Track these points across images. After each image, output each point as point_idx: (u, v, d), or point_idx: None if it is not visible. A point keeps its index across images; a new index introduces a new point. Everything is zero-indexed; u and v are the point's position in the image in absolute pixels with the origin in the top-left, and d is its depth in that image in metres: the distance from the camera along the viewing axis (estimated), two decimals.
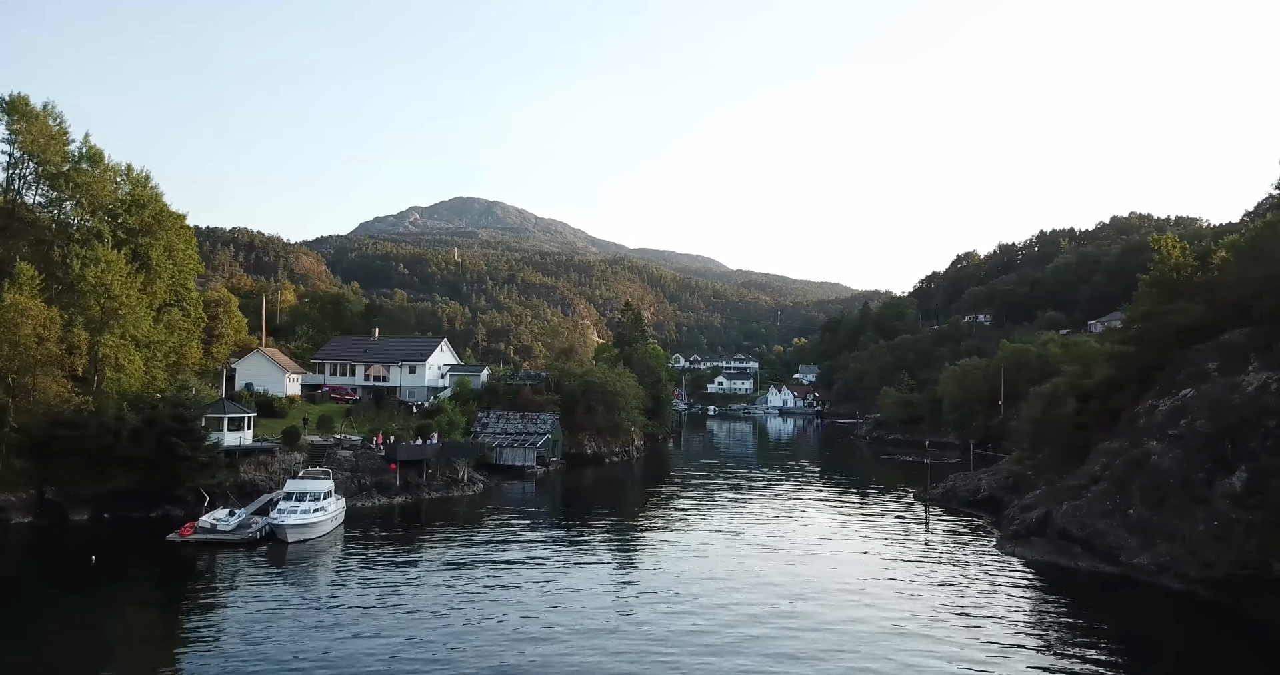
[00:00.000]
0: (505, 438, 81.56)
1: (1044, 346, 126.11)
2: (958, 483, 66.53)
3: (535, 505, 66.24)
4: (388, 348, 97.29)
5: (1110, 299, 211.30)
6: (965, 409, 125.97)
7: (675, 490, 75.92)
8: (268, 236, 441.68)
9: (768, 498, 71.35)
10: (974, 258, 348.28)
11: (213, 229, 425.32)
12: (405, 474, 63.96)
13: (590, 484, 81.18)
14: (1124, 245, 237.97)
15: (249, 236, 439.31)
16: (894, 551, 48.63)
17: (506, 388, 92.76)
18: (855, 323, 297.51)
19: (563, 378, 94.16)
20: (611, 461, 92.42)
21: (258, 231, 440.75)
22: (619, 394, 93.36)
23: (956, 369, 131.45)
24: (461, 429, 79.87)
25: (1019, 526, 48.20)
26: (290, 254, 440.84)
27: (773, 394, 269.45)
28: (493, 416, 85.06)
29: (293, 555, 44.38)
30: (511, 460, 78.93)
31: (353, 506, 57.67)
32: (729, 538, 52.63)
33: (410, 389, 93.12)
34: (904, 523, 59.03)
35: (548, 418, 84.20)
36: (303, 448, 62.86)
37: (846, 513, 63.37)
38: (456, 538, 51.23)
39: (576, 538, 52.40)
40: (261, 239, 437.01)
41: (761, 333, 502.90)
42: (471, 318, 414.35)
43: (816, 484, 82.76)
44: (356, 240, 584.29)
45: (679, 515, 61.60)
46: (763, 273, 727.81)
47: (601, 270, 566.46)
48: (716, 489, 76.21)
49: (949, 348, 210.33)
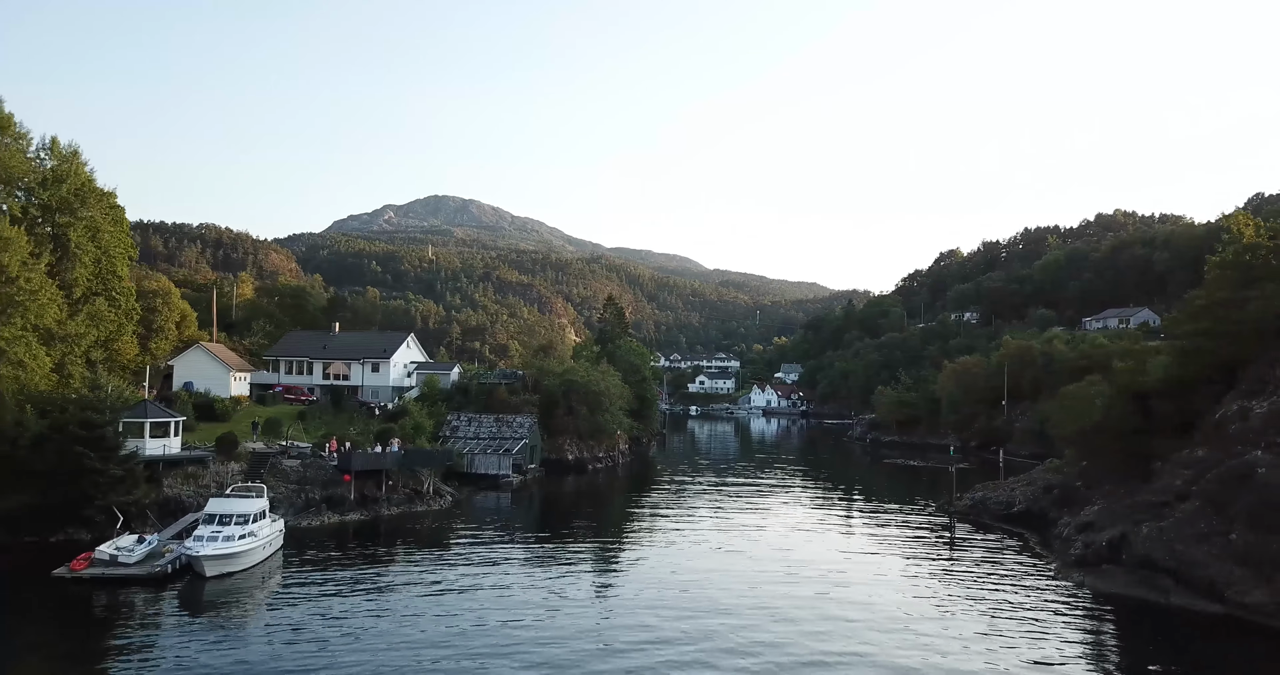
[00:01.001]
0: (477, 443, 73.40)
1: (1048, 343, 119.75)
2: (987, 494, 59.27)
3: (510, 521, 58.25)
4: (349, 344, 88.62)
5: (1100, 296, 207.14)
6: (966, 409, 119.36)
7: (666, 501, 68.27)
8: (236, 232, 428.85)
9: (771, 510, 63.85)
10: (957, 255, 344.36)
11: (179, 224, 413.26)
12: (361, 486, 55.70)
13: (572, 494, 73.33)
14: (1113, 242, 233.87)
15: (216, 232, 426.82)
16: (939, 582, 41.12)
17: (479, 388, 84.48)
18: (839, 321, 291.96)
19: (541, 377, 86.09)
20: (595, 468, 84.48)
21: (225, 227, 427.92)
22: (602, 394, 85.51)
23: (955, 367, 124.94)
24: (428, 434, 71.67)
25: (1084, 551, 40.86)
26: (259, 250, 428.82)
27: (756, 394, 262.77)
28: (463, 419, 76.82)
29: (212, 594, 36.10)
30: (484, 469, 70.86)
31: (297, 527, 49.41)
32: (735, 561, 45.04)
33: (373, 389, 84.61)
34: (936, 543, 51.66)
35: (525, 421, 76.13)
36: (241, 457, 54.40)
37: (865, 529, 55.91)
38: (417, 564, 43.24)
39: (557, 562, 44.54)
40: (230, 235, 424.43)
41: (741, 332, 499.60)
42: (446, 316, 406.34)
43: (821, 494, 75.40)
44: (329, 238, 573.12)
45: (674, 533, 53.86)
46: (740, 272, 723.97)
47: (579, 268, 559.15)
48: (711, 500, 68.62)
49: (938, 346, 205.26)
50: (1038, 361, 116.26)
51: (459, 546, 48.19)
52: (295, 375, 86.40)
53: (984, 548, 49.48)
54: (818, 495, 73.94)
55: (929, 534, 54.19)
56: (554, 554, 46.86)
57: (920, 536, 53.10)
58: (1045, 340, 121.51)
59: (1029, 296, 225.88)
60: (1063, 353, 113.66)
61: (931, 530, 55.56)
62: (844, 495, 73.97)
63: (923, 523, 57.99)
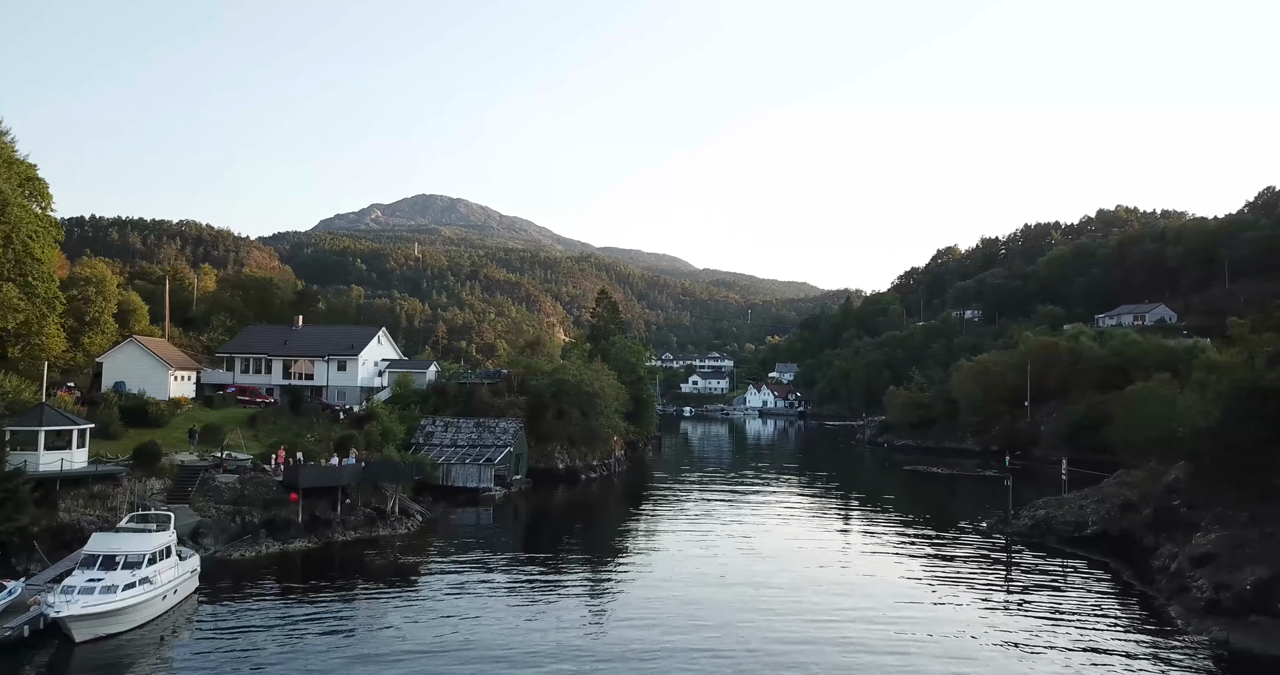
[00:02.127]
0: (455, 452, 64.30)
1: (1073, 340, 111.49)
2: (1051, 511, 50.52)
3: (491, 543, 49.23)
4: (312, 339, 79.22)
5: (1109, 291, 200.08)
6: (986, 411, 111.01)
7: (669, 516, 59.48)
8: (216, 229, 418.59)
9: (791, 528, 55.13)
10: (955, 252, 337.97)
11: (158, 221, 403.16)
12: (312, 507, 46.56)
13: (563, 509, 64.41)
14: (1121, 237, 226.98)
15: (196, 229, 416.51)
16: (1030, 631, 32.36)
17: (459, 388, 75.32)
18: (837, 319, 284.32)
19: (528, 376, 77.05)
20: (588, 478, 75.43)
21: (206, 224, 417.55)
22: (596, 395, 76.58)
23: (974, 365, 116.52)
24: (398, 441, 62.66)
25: (1215, 594, 32.18)
26: (241, 248, 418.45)
27: (751, 394, 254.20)
28: (439, 424, 67.64)
29: (84, 661, 27.00)
30: (462, 481, 61.80)
31: (226, 560, 40.32)
32: (767, 598, 36.30)
33: (339, 389, 75.41)
34: (1003, 573, 42.97)
35: (509, 425, 67.03)
36: (166, 472, 45.21)
37: (908, 553, 47.22)
38: (376, 599, 34.35)
39: (544, 596, 35.68)
40: (210, 232, 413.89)
41: (732, 331, 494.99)
42: (432, 315, 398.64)
43: (844, 508, 66.68)
44: (314, 236, 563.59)
45: (682, 557, 45.12)
46: (730, 272, 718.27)
47: (568, 267, 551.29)
48: (721, 516, 59.92)
49: (941, 344, 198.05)
50: (1063, 359, 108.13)
51: (428, 578, 39.46)
52: (253, 374, 77.02)
53: (1068, 582, 40.79)
54: (841, 509, 65.20)
55: (988, 560, 45.52)
56: (540, 585, 38.04)
57: (980, 564, 44.43)
58: (1070, 337, 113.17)
59: (1033, 294, 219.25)
60: (1091, 350, 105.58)
61: (991, 556, 46.90)
62: (871, 509, 65.23)
63: (977, 546, 49.24)
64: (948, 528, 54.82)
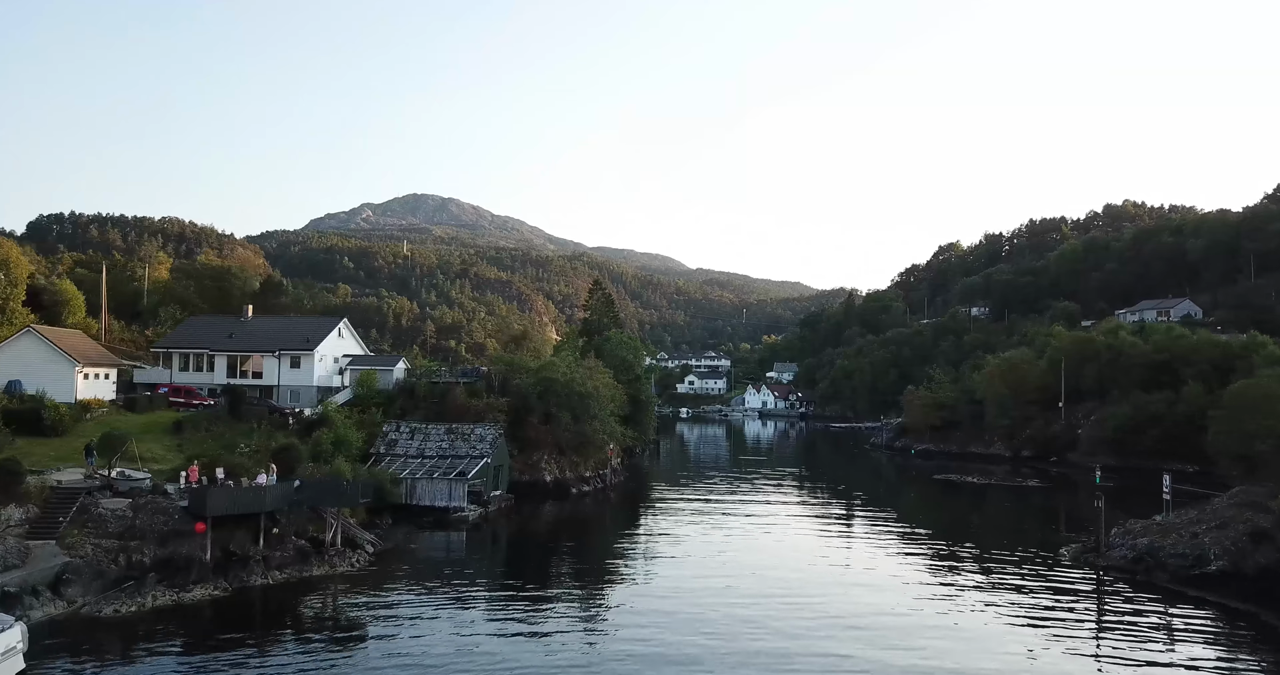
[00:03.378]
0: (422, 464, 54.13)
1: (1112, 335, 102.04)
2: (1154, 540, 40.61)
3: (462, 576, 39.29)
4: (263, 332, 68.86)
5: (1124, 286, 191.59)
6: (1016, 413, 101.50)
7: (674, 536, 49.74)
8: (200, 226, 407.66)
9: (818, 550, 45.44)
10: (958, 249, 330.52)
11: (140, 218, 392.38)
12: (225, 540, 36.46)
13: (550, 530, 54.49)
14: (1136, 231, 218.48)
15: (179, 226, 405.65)
16: None
17: (429, 388, 65.16)
18: (839, 317, 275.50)
19: (511, 374, 67.01)
20: (581, 491, 65.29)
21: (189, 221, 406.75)
22: (589, 397, 66.55)
23: (1002, 364, 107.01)
24: (355, 452, 52.63)
25: None
26: (225, 245, 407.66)
27: (750, 394, 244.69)
28: (405, 431, 57.38)
29: None
30: (429, 499, 51.67)
31: (94, 618, 30.19)
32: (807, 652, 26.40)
33: (292, 389, 65.26)
34: (1113, 622, 33.17)
35: (487, 432, 56.82)
36: (32, 496, 35.04)
37: (979, 587, 37.49)
38: None
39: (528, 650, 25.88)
40: (194, 229, 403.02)
41: (727, 331, 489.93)
42: (420, 313, 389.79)
43: (882, 530, 56.75)
44: (303, 234, 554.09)
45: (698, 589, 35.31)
46: (723, 271, 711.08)
47: (560, 265, 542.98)
48: (734, 535, 50.44)
49: (951, 342, 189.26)
50: (1101, 356, 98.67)
51: (378, 628, 30.13)
52: (193, 372, 66.80)
53: (1203, 636, 31.02)
54: (878, 532, 55.24)
55: (1086, 603, 35.78)
56: (523, 633, 28.07)
57: (1076, 607, 34.62)
58: (1107, 332, 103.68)
59: (1044, 289, 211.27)
60: (1134, 346, 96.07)
61: (1088, 597, 37.12)
62: (912, 531, 55.38)
63: (1063, 582, 39.35)
64: (1014, 555, 44.96)
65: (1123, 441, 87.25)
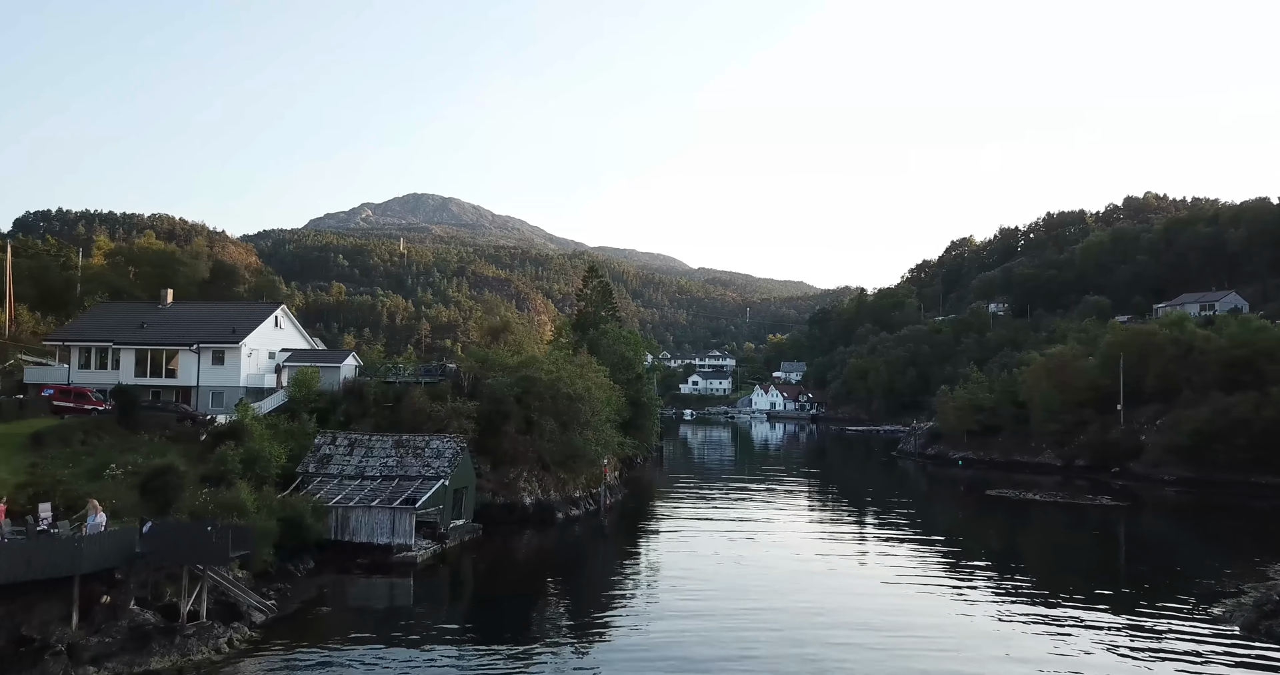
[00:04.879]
0: (361, 487, 41.98)
1: (1178, 328, 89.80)
2: None
3: (397, 649, 27.41)
4: (181, 321, 56.64)
5: (1155, 279, 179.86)
6: (1067, 416, 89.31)
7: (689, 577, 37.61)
8: (191, 224, 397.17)
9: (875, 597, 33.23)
10: (971, 243, 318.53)
11: (129, 215, 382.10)
12: (21, 616, 24.41)
13: (528, 570, 42.57)
14: (1167, 221, 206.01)
15: (169, 223, 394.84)
16: None
17: (381, 389, 53.03)
18: (850, 314, 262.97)
19: (484, 372, 54.89)
20: (569, 516, 53.09)
21: (179, 218, 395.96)
22: (579, 400, 54.38)
23: (1049, 361, 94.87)
24: (276, 472, 40.61)
25: None
26: (215, 243, 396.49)
27: (758, 395, 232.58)
28: (342, 444, 45.15)
29: None
30: (368, 534, 39.49)
31: None
32: None
33: (215, 391, 53.29)
34: None
35: (446, 446, 44.56)
36: None
37: (1110, 648, 25.46)
38: None
39: None
40: (184, 226, 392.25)
41: (731, 330, 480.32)
42: (416, 312, 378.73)
43: (944, 563, 44.59)
44: (299, 233, 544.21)
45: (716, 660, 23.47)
46: (726, 271, 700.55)
47: (560, 263, 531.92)
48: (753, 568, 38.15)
49: (973, 339, 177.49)
50: (1166, 352, 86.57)
51: None
52: (95, 370, 54.75)
53: None
54: (941, 568, 43.12)
55: None
56: None
57: None
58: (1170, 324, 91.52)
59: (1069, 283, 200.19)
60: (1208, 340, 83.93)
61: None
62: (982, 567, 43.26)
63: (1232, 656, 27.27)
64: (1142, 611, 32.79)
65: (1199, 450, 75.28)
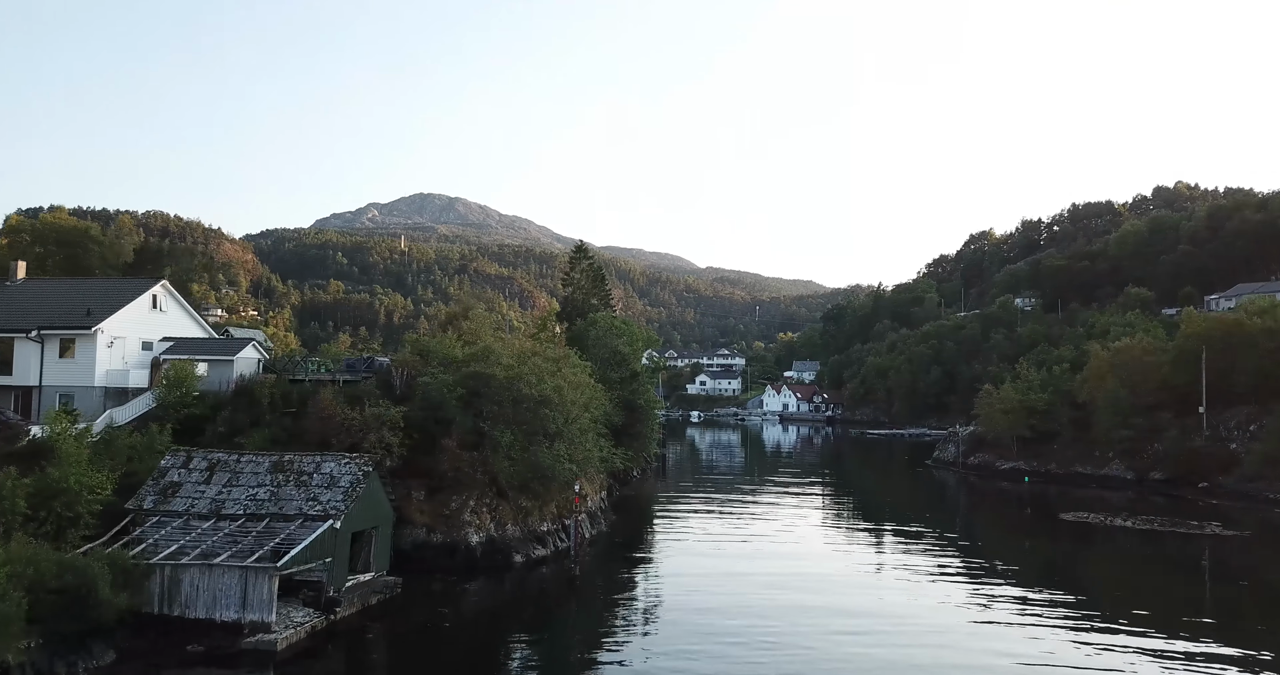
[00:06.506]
0: (214, 531, 28.98)
1: (1272, 318, 76.28)
2: None
3: None
4: (26, 301, 43.74)
5: (1199, 269, 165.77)
6: (1138, 421, 75.73)
7: (696, 656, 24.64)
8: (185, 221, 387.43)
9: None
10: (991, 237, 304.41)
11: (122, 212, 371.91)
12: None
13: (469, 648, 29.55)
14: (1211, 208, 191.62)
15: (163, 220, 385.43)
16: None
17: (279, 389, 39.90)
18: (867, 310, 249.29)
19: (423, 367, 41.79)
20: (531, 557, 39.91)
21: (174, 215, 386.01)
22: (549, 405, 41.03)
23: (1111, 355, 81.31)
24: (95, 509, 27.62)
25: None
26: (211, 240, 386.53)
27: (770, 396, 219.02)
28: (199, 466, 32.00)
29: None
30: (207, 606, 26.38)
31: None
32: None
33: (64, 392, 40.45)
34: None
35: (344, 470, 31.19)
36: None
37: None
38: None
39: None
40: (178, 223, 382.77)
41: (739, 329, 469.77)
42: (414, 310, 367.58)
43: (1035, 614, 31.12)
44: (301, 232, 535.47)
45: None
46: (734, 270, 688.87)
47: (564, 261, 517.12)
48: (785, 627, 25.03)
49: (1002, 334, 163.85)
50: (1259, 346, 73.13)
51: None
52: None
53: None
54: (1032, 618, 29.69)
55: None
56: None
57: None
58: (1259, 313, 77.89)
59: (1103, 275, 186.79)
60: None
61: None
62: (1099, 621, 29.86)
63: None
64: None
65: None
